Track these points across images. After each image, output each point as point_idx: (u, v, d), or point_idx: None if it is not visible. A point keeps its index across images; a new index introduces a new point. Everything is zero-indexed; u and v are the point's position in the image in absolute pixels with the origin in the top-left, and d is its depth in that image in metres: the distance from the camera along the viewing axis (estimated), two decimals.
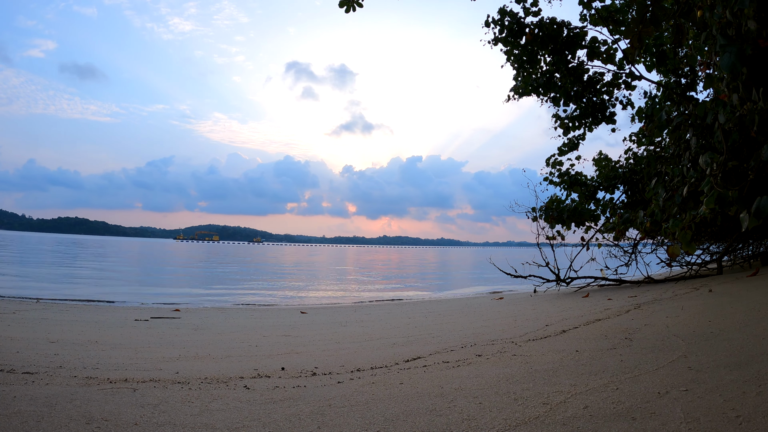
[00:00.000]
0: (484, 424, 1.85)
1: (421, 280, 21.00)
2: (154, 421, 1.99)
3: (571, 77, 7.51)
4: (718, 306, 4.20)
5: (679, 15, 3.38)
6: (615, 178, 9.23)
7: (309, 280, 20.01)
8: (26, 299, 9.47)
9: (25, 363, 3.25)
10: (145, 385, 2.62)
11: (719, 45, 2.48)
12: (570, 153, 9.06)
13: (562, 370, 2.56)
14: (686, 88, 7.29)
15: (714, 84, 3.56)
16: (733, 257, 9.13)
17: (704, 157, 3.25)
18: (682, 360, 2.53)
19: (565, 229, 9.01)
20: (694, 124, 4.50)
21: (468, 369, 2.81)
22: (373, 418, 1.98)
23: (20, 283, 13.72)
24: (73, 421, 1.95)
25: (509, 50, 7.57)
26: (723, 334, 3.01)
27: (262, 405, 2.23)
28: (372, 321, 6.81)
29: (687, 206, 4.24)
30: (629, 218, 6.82)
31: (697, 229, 4.50)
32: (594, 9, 6.98)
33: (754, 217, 2.41)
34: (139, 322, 6.56)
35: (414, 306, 9.52)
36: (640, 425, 1.73)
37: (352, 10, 3.98)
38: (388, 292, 14.71)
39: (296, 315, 8.02)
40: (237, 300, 11.66)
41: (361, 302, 11.62)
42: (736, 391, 1.95)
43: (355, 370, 3.05)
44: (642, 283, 8.06)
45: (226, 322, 6.90)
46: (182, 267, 26.76)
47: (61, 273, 18.56)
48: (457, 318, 6.43)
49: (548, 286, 9.23)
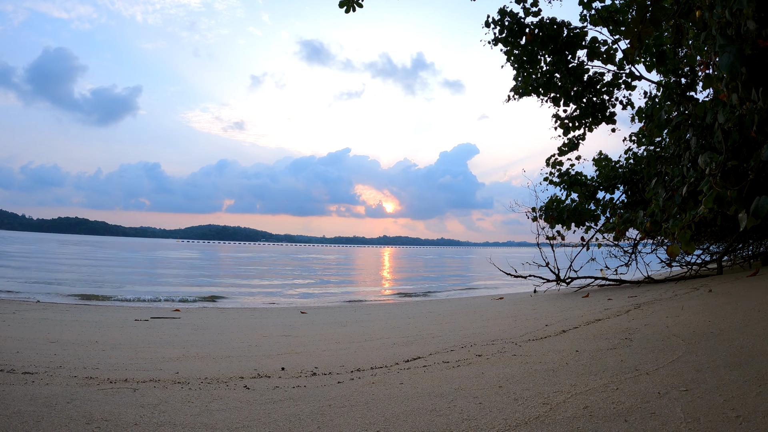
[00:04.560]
0: (484, 424, 1.85)
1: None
2: (154, 421, 1.99)
3: (571, 77, 7.51)
4: (718, 306, 4.20)
5: (679, 15, 3.38)
6: (615, 178, 9.23)
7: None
8: (26, 299, 9.47)
9: (25, 363, 3.25)
10: (145, 385, 2.62)
11: (718, 45, 2.48)
12: (570, 153, 9.06)
13: (562, 370, 2.56)
14: (686, 88, 7.28)
15: (713, 84, 3.56)
16: (733, 257, 9.13)
17: (704, 157, 3.25)
18: (682, 360, 2.53)
19: (565, 229, 9.00)
20: (693, 124, 4.50)
21: (468, 369, 2.81)
22: (373, 418, 1.98)
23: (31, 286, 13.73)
24: (73, 421, 1.95)
25: (509, 50, 7.57)
26: (723, 334, 3.01)
27: (262, 405, 2.23)
28: (372, 321, 6.81)
29: (687, 206, 4.25)
30: (629, 218, 6.82)
31: (696, 229, 4.50)
32: (594, 9, 6.98)
33: (752, 217, 2.41)
34: (139, 322, 6.56)
35: (414, 306, 9.52)
36: (640, 425, 1.73)
37: (352, 10, 3.98)
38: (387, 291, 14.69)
39: (296, 315, 8.02)
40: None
41: (361, 302, 11.62)
42: (736, 391, 1.95)
43: (355, 370, 3.05)
44: (642, 283, 8.06)
45: (226, 322, 6.90)
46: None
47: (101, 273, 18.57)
48: (457, 318, 6.43)
49: (548, 286, 9.23)
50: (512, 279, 9.13)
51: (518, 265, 9.07)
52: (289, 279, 20.11)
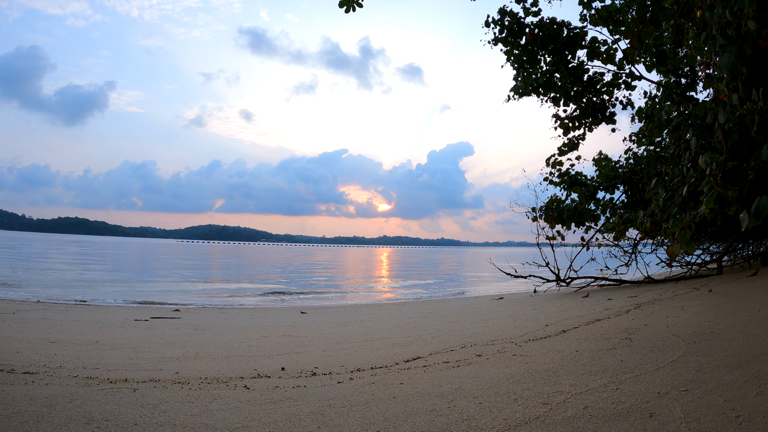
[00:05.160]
0: (484, 424, 1.85)
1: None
2: (154, 421, 1.99)
3: (571, 77, 7.51)
4: (718, 306, 4.19)
5: (679, 15, 3.38)
6: (615, 178, 9.23)
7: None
8: (26, 299, 9.47)
9: (25, 363, 3.25)
10: (145, 385, 2.62)
11: (719, 45, 2.48)
12: (570, 153, 9.06)
13: (562, 370, 2.56)
14: (686, 88, 7.28)
15: (714, 84, 3.56)
16: (733, 257, 9.13)
17: (704, 157, 3.25)
18: (682, 360, 2.53)
19: (565, 229, 9.01)
20: (694, 124, 4.50)
21: (468, 369, 2.81)
22: (373, 418, 1.98)
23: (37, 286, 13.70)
24: (73, 421, 1.95)
25: (509, 50, 7.58)
26: (723, 334, 3.01)
27: (262, 405, 2.23)
28: (372, 321, 6.81)
29: (687, 206, 4.25)
30: (629, 218, 6.82)
31: (697, 229, 4.50)
32: (594, 9, 6.98)
33: (753, 217, 2.41)
34: (139, 322, 6.56)
35: (414, 306, 9.51)
36: (640, 425, 1.73)
37: (352, 10, 3.98)
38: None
39: (296, 315, 8.02)
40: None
41: (360, 302, 11.62)
42: (736, 391, 1.95)
43: (355, 370, 3.05)
44: (642, 283, 8.06)
45: (226, 322, 6.90)
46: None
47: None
48: (457, 318, 6.43)
49: (548, 286, 9.23)
50: (512, 279, 9.13)
51: (518, 265, 9.07)
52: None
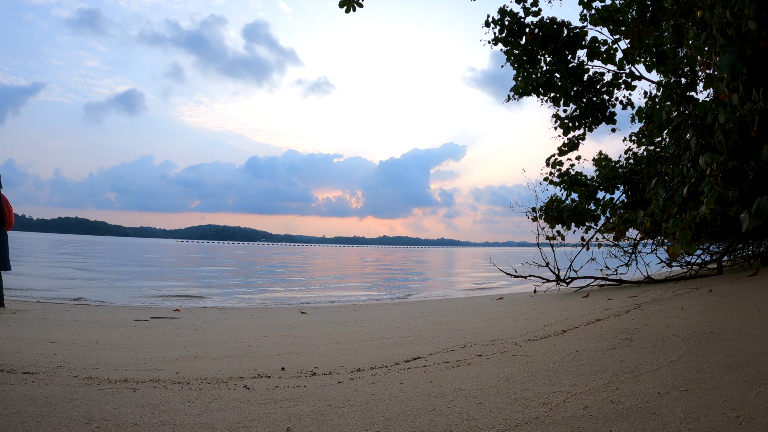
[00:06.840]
0: (484, 424, 1.85)
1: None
2: (154, 421, 1.99)
3: (571, 77, 7.51)
4: (718, 306, 4.19)
5: (679, 15, 3.38)
6: (615, 178, 9.23)
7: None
8: (26, 299, 9.47)
9: (25, 363, 3.25)
10: (145, 385, 2.62)
11: (719, 45, 2.48)
12: (570, 153, 9.07)
13: (562, 370, 2.56)
14: (686, 88, 7.28)
15: (714, 84, 3.56)
16: (733, 257, 9.13)
17: (704, 157, 3.26)
18: (682, 360, 2.53)
19: (565, 229, 9.01)
20: (694, 124, 4.50)
21: (468, 369, 2.81)
22: (373, 418, 1.98)
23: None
24: (73, 421, 1.95)
25: (509, 50, 7.58)
26: (723, 334, 3.01)
27: (262, 405, 2.23)
28: (372, 321, 6.81)
29: (687, 206, 4.25)
30: (629, 218, 6.83)
31: (697, 229, 4.50)
32: (594, 9, 6.98)
33: (754, 217, 2.41)
34: (139, 322, 6.56)
35: (414, 306, 9.52)
36: (640, 425, 1.73)
37: (352, 10, 3.99)
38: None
39: (296, 315, 8.02)
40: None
41: (361, 302, 11.62)
42: (736, 391, 1.95)
43: (355, 370, 3.05)
44: (642, 283, 8.06)
45: (226, 322, 6.90)
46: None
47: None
48: (457, 318, 6.43)
49: (548, 286, 9.23)
50: (512, 279, 9.13)
51: (518, 265, 9.07)
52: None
